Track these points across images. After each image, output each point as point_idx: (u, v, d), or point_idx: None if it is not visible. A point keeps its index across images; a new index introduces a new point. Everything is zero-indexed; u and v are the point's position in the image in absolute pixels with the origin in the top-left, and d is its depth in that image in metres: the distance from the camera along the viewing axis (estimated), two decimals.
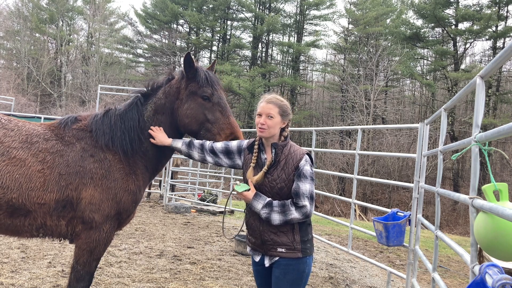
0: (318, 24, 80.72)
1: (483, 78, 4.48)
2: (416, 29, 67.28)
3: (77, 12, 79.55)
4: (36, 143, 5.62)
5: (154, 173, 6.30)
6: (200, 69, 6.05)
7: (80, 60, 76.08)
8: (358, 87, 59.70)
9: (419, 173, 9.84)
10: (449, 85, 62.43)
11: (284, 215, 5.05)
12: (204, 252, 13.15)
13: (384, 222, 9.43)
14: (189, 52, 6.08)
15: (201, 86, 5.94)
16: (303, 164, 5.14)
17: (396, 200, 55.83)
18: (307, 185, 5.09)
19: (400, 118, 68.88)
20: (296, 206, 5.06)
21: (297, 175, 5.11)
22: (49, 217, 5.55)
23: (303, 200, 5.05)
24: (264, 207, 5.11)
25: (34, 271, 9.87)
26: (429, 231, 12.31)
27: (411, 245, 9.72)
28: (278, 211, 5.06)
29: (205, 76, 5.99)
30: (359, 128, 12.89)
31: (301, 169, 5.11)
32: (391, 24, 68.98)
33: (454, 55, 63.68)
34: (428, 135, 9.81)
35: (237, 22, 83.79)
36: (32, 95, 68.20)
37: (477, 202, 3.84)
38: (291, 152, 5.25)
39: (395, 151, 52.42)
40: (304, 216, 5.08)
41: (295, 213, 5.04)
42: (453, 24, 64.63)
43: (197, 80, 5.96)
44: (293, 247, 5.15)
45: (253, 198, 5.20)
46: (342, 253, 14.76)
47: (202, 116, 5.89)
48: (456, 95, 6.30)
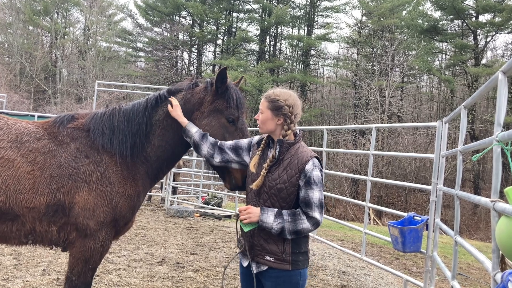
0: (330, 16, 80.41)
1: (506, 73, 4.46)
2: (434, 22, 67.06)
3: (73, 3, 79.19)
4: (27, 143, 5.59)
5: (155, 180, 6.27)
6: (231, 87, 6.03)
7: (76, 54, 76.03)
8: (372, 83, 59.51)
9: (437, 174, 9.80)
10: (469, 81, 62.25)
11: (295, 224, 4.97)
12: (208, 259, 13.15)
13: (400, 227, 9.41)
14: (225, 67, 6.03)
15: (230, 107, 5.92)
16: (311, 168, 5.03)
17: (413, 203, 55.77)
18: (316, 193, 5.01)
19: (417, 116, 68.56)
20: (307, 216, 5.00)
21: (305, 182, 5.02)
22: (38, 222, 5.52)
23: (313, 210, 4.99)
24: (276, 217, 4.99)
25: (28, 279, 9.88)
26: (448, 236, 12.27)
27: (428, 251, 9.70)
28: (288, 220, 4.97)
29: (236, 97, 5.97)
30: (373, 127, 12.88)
31: (309, 174, 5.01)
32: (408, 16, 68.75)
33: (474, 49, 63.43)
34: (447, 134, 9.79)
35: (243, 14, 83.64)
36: (25, 91, 68.17)
37: (499, 206, 3.82)
38: (298, 153, 5.14)
39: (411, 151, 52.30)
40: (315, 226, 5.05)
41: (306, 222, 4.98)
42: (473, 16, 64.39)
43: (226, 98, 5.94)
44: (282, 258, 5.09)
45: (261, 212, 5.08)
46: (355, 260, 14.73)
47: (221, 138, 5.86)
48: (476, 91, 6.28)
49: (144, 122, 5.95)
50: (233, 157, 5.65)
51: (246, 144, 5.65)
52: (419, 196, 56.95)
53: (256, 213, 5.07)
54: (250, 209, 5.11)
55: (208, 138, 5.79)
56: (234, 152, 5.65)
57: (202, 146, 5.78)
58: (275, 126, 5.25)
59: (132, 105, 6.11)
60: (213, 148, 5.72)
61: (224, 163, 5.73)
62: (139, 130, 5.91)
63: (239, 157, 5.64)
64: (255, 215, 5.07)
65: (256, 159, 5.29)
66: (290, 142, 5.19)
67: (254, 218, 5.06)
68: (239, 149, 5.65)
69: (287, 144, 5.17)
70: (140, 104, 6.08)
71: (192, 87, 6.20)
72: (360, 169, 52.44)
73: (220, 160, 5.72)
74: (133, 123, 5.92)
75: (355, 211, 50.81)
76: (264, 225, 5.04)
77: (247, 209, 5.13)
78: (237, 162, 5.67)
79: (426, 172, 54.68)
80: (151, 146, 5.98)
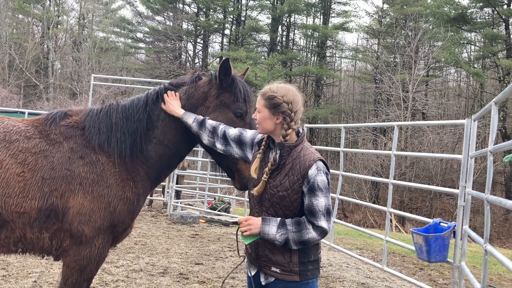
0: (348, 3, 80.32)
1: None
2: (462, 9, 66.88)
3: None
4: (16, 142, 5.56)
5: (156, 182, 6.27)
6: (237, 79, 6.06)
7: (70, 45, 76.17)
8: (395, 77, 59.36)
9: (465, 177, 9.79)
10: (500, 75, 62.17)
11: (300, 234, 4.95)
12: (215, 269, 13.16)
13: (425, 235, 9.40)
14: (228, 58, 6.02)
15: (237, 100, 5.95)
16: (314, 174, 4.96)
17: (439, 208, 55.71)
18: (321, 200, 4.96)
19: (444, 113, 68.66)
20: (312, 225, 4.97)
21: (309, 189, 4.96)
22: (29, 228, 5.50)
23: (319, 219, 4.96)
24: (279, 228, 4.96)
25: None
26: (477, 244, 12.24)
27: (456, 261, 9.69)
28: (292, 230, 4.94)
29: (243, 90, 6.00)
30: (396, 125, 12.87)
31: (313, 180, 4.95)
32: (433, 3, 68.41)
33: (506, 39, 63.16)
34: (476, 133, 9.76)
35: (253, 1, 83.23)
36: (15, 86, 68.33)
37: None
38: (300, 156, 5.08)
39: (437, 151, 52.04)
40: (322, 235, 5.03)
41: (312, 232, 4.95)
42: (504, 3, 64.13)
43: (233, 92, 5.97)
44: (289, 269, 5.08)
45: (262, 223, 5.04)
46: (375, 271, 14.72)
47: None
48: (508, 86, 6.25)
49: (145, 119, 5.95)
50: (237, 151, 5.69)
51: (249, 140, 5.64)
52: (446, 200, 56.86)
53: (257, 225, 5.05)
54: (251, 220, 5.09)
55: (206, 125, 5.81)
56: (238, 146, 5.68)
57: (201, 136, 5.84)
58: (274, 126, 5.20)
59: (131, 101, 6.10)
60: (212, 136, 5.77)
61: (227, 154, 5.79)
62: (139, 127, 5.90)
63: (243, 152, 5.67)
64: (256, 227, 5.05)
65: (257, 163, 5.27)
66: (292, 145, 5.14)
67: (255, 230, 5.05)
68: (243, 143, 5.65)
69: (288, 148, 5.13)
70: (140, 99, 6.07)
71: (196, 81, 6.21)
72: (381, 171, 52.29)
73: (224, 150, 5.77)
74: (132, 120, 5.92)
75: (375, 217, 50.80)
76: (266, 237, 5.02)
77: (247, 220, 5.11)
78: (241, 157, 5.71)
79: (453, 174, 54.49)
80: (152, 145, 5.97)
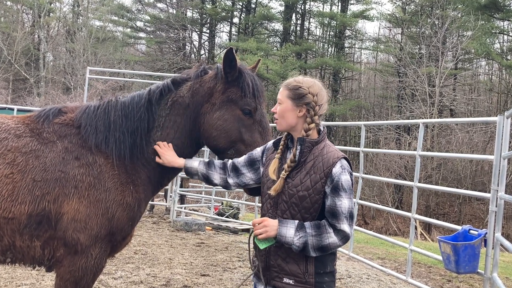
0: None
1: None
2: None
3: None
4: (4, 141, 5.55)
5: (158, 186, 6.28)
6: (245, 72, 6.00)
7: (63, 35, 76.00)
8: (420, 70, 59.20)
9: (497, 180, 9.76)
10: None
11: (320, 239, 4.89)
12: (223, 281, 13.17)
13: (453, 243, 9.39)
14: (232, 47, 5.98)
15: (245, 96, 5.89)
16: (339, 172, 4.94)
17: (469, 214, 55.61)
18: (345, 201, 4.91)
19: (474, 109, 68.47)
20: (334, 228, 4.92)
21: (332, 189, 4.92)
22: (19, 236, 5.48)
23: (342, 222, 4.91)
24: (297, 231, 4.89)
25: None
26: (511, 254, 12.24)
27: (487, 272, 9.67)
28: (312, 234, 4.88)
29: (252, 84, 5.94)
30: (421, 123, 12.87)
31: (337, 179, 4.92)
32: None
33: None
34: (510, 132, 9.73)
35: None
36: (3, 80, 68.25)
37: None
38: (323, 154, 5.04)
39: (467, 151, 51.88)
40: (344, 241, 4.98)
41: (333, 236, 4.90)
42: None
43: (241, 86, 5.91)
44: (304, 280, 5.01)
45: (279, 225, 4.98)
46: (399, 282, 14.71)
47: (236, 133, 5.86)
48: None
49: (146, 118, 5.93)
50: (251, 176, 5.61)
51: (259, 153, 5.60)
52: (476, 206, 56.68)
53: (274, 226, 4.98)
54: (267, 222, 5.03)
55: (215, 163, 5.79)
56: (251, 168, 5.61)
57: (211, 176, 5.80)
58: (296, 119, 5.16)
59: (131, 97, 6.09)
60: (224, 172, 5.73)
61: (242, 186, 5.72)
62: (140, 127, 5.89)
63: (256, 174, 5.59)
64: (272, 229, 4.97)
65: (275, 164, 5.21)
66: (313, 141, 5.11)
67: (272, 232, 4.97)
68: (254, 161, 5.60)
69: (310, 143, 5.08)
70: (141, 96, 6.05)
71: (201, 75, 6.15)
72: (405, 173, 52.20)
73: (237, 184, 5.69)
74: (132, 119, 5.90)
75: (398, 224, 50.71)
76: (283, 240, 4.95)
77: (262, 222, 5.04)
78: (256, 181, 5.62)
79: (484, 177, 54.32)
80: (153, 147, 5.96)
